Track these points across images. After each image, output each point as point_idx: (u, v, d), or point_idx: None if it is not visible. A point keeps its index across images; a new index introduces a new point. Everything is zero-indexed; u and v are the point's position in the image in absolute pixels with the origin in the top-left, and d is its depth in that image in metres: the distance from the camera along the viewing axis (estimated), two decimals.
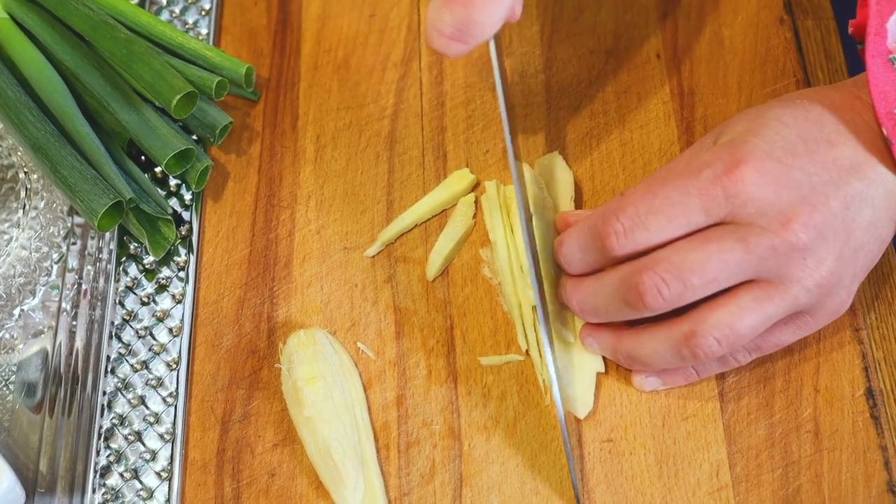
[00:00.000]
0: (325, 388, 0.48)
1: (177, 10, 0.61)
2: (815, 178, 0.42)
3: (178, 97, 0.52)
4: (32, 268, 0.54)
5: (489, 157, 0.55)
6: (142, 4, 0.61)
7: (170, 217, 0.54)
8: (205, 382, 0.51)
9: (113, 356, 0.52)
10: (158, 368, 0.52)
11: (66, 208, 0.55)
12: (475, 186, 0.54)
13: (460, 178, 0.54)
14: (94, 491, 0.49)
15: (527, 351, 0.50)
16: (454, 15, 0.43)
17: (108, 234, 0.55)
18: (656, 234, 0.43)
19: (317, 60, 0.59)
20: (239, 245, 0.54)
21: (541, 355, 0.49)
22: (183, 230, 0.55)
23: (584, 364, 0.48)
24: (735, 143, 0.43)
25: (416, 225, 0.54)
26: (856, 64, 0.56)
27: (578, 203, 0.53)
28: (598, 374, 0.48)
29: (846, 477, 0.46)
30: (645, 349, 0.45)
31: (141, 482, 0.49)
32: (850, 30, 0.48)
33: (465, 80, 0.57)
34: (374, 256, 0.53)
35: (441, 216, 0.54)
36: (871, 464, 0.46)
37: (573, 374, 0.48)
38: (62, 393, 0.51)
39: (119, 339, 0.52)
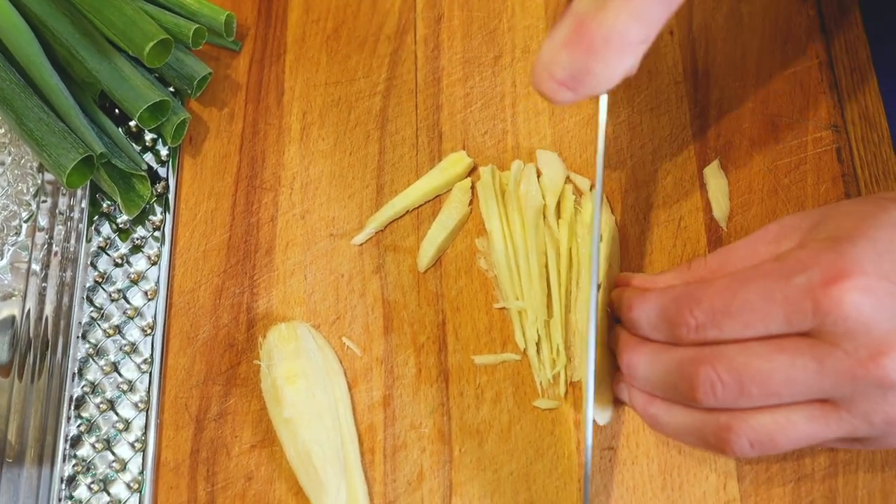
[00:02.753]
0: (306, 387, 0.45)
1: None
2: None
3: (150, 44, 0.49)
4: (0, 227, 0.51)
5: (488, 138, 0.51)
6: None
7: (144, 173, 0.51)
8: (179, 377, 0.48)
9: (84, 320, 0.49)
10: (133, 334, 0.49)
11: (35, 164, 0.52)
12: (472, 171, 0.51)
13: (456, 162, 0.50)
14: (64, 461, 0.47)
15: (524, 350, 0.46)
16: (572, 59, 0.38)
17: (79, 192, 0.52)
18: (729, 335, 0.38)
19: (304, 31, 0.55)
20: (217, 230, 0.51)
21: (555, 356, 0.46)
22: (159, 187, 0.52)
23: (607, 369, 0.45)
24: (839, 245, 0.37)
25: (408, 211, 0.50)
26: (868, 17, 0.52)
27: None
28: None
29: (862, 493, 0.43)
30: (673, 421, 0.41)
31: (114, 453, 0.47)
32: None
33: (463, 54, 0.53)
34: (361, 245, 0.50)
35: (434, 202, 0.50)
36: (888, 480, 0.43)
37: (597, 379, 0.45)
38: (31, 357, 0.49)
39: (91, 302, 0.50)
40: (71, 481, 0.46)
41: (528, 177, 0.49)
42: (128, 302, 0.50)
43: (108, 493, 0.46)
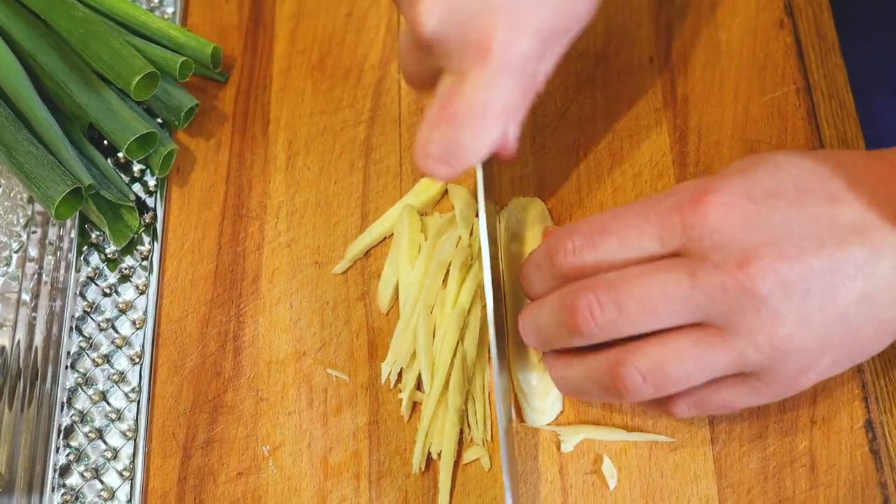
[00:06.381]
0: None
1: None
2: (795, 227, 0.37)
3: (137, 78, 0.49)
4: None
5: None
6: None
7: (132, 204, 0.51)
8: (166, 406, 0.48)
9: (73, 350, 0.50)
10: (121, 363, 0.49)
11: (25, 196, 0.53)
12: (444, 194, 0.51)
13: (429, 186, 0.51)
14: (53, 490, 0.47)
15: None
16: (442, 135, 0.41)
17: (68, 223, 0.52)
18: (605, 256, 0.40)
19: (290, 62, 0.56)
20: (204, 259, 0.51)
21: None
22: (147, 218, 0.52)
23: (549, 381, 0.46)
24: (714, 177, 0.39)
25: (385, 238, 0.51)
26: (847, 44, 0.53)
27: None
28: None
29: None
30: (572, 373, 0.41)
31: (102, 482, 0.47)
32: None
33: None
34: (346, 272, 0.50)
35: None
36: (869, 501, 0.43)
37: (544, 389, 0.46)
38: (21, 387, 0.49)
39: (80, 332, 0.50)
40: None
41: (451, 233, 0.49)
42: (116, 331, 0.50)
43: None
